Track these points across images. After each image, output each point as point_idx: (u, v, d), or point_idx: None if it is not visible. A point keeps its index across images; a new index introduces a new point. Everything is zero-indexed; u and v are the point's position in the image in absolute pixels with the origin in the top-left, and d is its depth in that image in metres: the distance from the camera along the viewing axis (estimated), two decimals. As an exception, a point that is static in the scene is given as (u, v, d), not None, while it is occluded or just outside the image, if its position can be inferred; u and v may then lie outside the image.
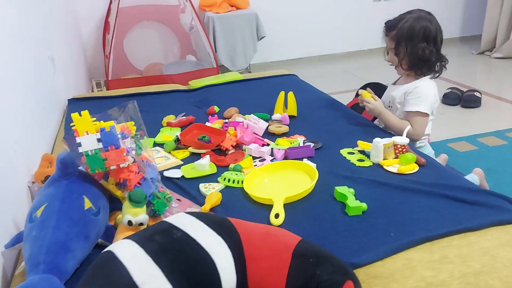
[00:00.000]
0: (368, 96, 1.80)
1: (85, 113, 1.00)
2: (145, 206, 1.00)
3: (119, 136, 1.01)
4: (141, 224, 0.99)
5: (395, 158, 1.45)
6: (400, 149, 1.46)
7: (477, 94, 3.02)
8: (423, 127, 1.66)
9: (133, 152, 1.04)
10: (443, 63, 1.68)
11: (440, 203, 1.18)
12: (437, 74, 1.72)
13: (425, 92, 1.66)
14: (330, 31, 4.47)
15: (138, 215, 0.99)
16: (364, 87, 2.45)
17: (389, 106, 1.79)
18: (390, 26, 1.68)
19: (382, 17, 4.87)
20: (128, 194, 0.99)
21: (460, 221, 1.08)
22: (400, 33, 1.64)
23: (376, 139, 1.43)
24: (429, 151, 1.78)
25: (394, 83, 1.85)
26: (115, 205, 1.13)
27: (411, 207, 1.17)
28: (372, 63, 4.41)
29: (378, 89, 2.36)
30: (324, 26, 4.43)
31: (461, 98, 3.04)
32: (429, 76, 1.71)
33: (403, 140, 1.46)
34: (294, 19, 4.32)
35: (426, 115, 1.66)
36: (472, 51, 4.40)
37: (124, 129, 1.05)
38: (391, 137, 1.51)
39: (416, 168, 1.38)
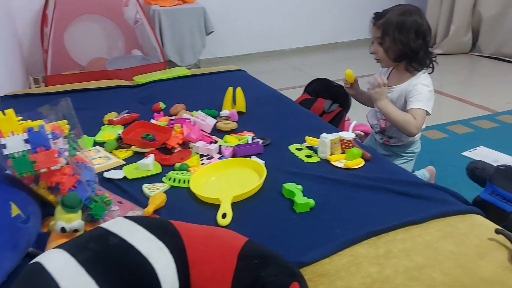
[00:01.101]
0: (352, 76, 1.73)
1: (10, 111, 0.91)
2: (80, 211, 0.93)
3: (50, 136, 0.93)
4: (76, 230, 0.92)
5: (342, 153, 1.46)
6: (346, 144, 1.47)
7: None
8: (423, 122, 1.60)
9: (66, 153, 0.97)
10: (433, 58, 1.65)
11: (385, 197, 1.19)
12: (431, 70, 1.67)
13: (426, 89, 1.60)
14: (278, 27, 4.49)
15: (72, 221, 0.91)
16: (311, 83, 2.47)
17: (376, 111, 1.76)
18: (379, 15, 1.61)
19: (329, 13, 4.98)
20: (61, 199, 0.92)
21: (404, 214, 1.09)
22: (388, 22, 1.57)
23: (323, 135, 1.43)
24: (418, 146, 1.81)
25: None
26: (49, 210, 1.05)
27: (357, 202, 1.17)
28: (320, 59, 4.47)
29: (325, 84, 2.39)
30: (272, 22, 4.44)
31: (405, 93, 3.14)
32: (423, 72, 1.65)
33: (349, 135, 1.47)
34: (242, 15, 4.29)
35: (427, 112, 1.60)
36: (414, 47, 4.57)
37: (55, 128, 0.97)
38: (337, 132, 1.52)
39: (362, 162, 1.39)
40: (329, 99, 2.30)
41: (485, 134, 2.51)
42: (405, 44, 1.56)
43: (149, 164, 1.32)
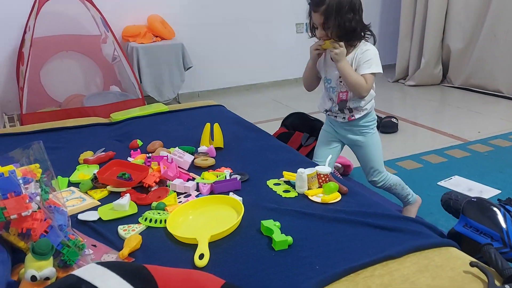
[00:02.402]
0: (329, 45, 1.74)
1: (-21, 157, 0.89)
2: (51, 258, 0.91)
3: (21, 181, 0.91)
4: (47, 278, 0.89)
5: (319, 187, 1.47)
6: (323, 179, 1.48)
7: (394, 120, 3.21)
8: (372, 85, 1.73)
9: (38, 197, 0.95)
10: (369, 29, 1.73)
11: (362, 231, 1.20)
12: (373, 40, 1.77)
13: (373, 53, 1.72)
14: (257, 61, 4.58)
15: (43, 268, 0.89)
16: (288, 117, 2.51)
17: (340, 82, 1.77)
18: (318, 2, 1.66)
19: (305, 48, 5.07)
20: (31, 246, 0.89)
21: (381, 248, 1.10)
22: (329, 8, 1.64)
23: (300, 170, 1.44)
24: (374, 117, 1.86)
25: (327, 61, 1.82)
26: (20, 256, 1.01)
27: (335, 237, 1.17)
28: (298, 91, 4.56)
29: (301, 118, 2.43)
30: (251, 56, 4.53)
31: (379, 124, 3.21)
32: (363, 43, 1.74)
33: (325, 169, 1.49)
34: (221, 50, 4.37)
35: (374, 75, 1.73)
36: (388, 79, 4.72)
37: (27, 173, 0.95)
38: (314, 166, 1.54)
39: (339, 196, 1.41)
40: (306, 133, 2.34)
41: (459, 163, 2.57)
42: (347, 25, 1.66)
43: (125, 204, 1.30)
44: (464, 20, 4.06)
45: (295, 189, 1.46)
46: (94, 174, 1.52)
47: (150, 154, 1.74)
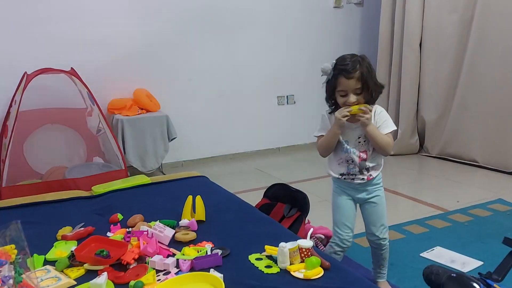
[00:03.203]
0: (358, 110, 1.73)
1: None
2: None
3: (-5, 263, 0.89)
4: None
5: (301, 262, 1.46)
6: (305, 253, 1.47)
7: (375, 189, 3.26)
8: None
9: (11, 281, 0.92)
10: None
11: (345, 309, 1.18)
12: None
13: (386, 113, 1.81)
14: (241, 131, 4.69)
15: None
16: (270, 188, 2.53)
17: (358, 143, 1.80)
18: (352, 68, 1.69)
19: (286, 119, 5.24)
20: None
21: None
22: (364, 72, 1.69)
23: (282, 244, 1.44)
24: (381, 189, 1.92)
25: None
26: None
27: (317, 317, 1.15)
28: (280, 160, 4.64)
29: (284, 189, 2.45)
30: (234, 126, 4.65)
31: (362, 194, 3.25)
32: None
33: (307, 243, 1.49)
34: (205, 120, 4.48)
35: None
36: (368, 149, 4.85)
37: (1, 255, 0.93)
38: (297, 239, 1.53)
39: (321, 272, 1.39)
40: (288, 204, 2.35)
41: (440, 234, 2.59)
42: (374, 86, 1.73)
43: (102, 284, 1.27)
44: (436, 93, 4.28)
45: (277, 264, 1.44)
46: (71, 251, 1.48)
47: (130, 229, 1.72)
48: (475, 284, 1.13)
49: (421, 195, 3.32)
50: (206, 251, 1.53)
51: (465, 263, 2.19)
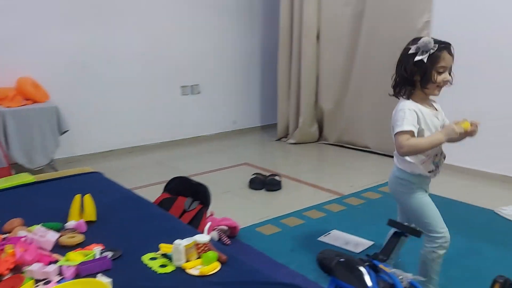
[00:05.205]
0: (470, 125, 1.60)
1: None
2: None
3: None
4: None
5: (198, 258, 1.41)
6: (202, 248, 1.43)
7: (277, 177, 3.33)
8: None
9: None
10: None
11: (240, 304, 1.16)
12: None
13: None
14: (141, 122, 4.48)
15: None
16: (170, 182, 2.44)
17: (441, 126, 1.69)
18: (450, 44, 1.58)
19: (191, 110, 5.14)
20: None
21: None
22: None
23: (176, 241, 1.37)
24: None
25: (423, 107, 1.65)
26: None
27: (212, 315, 1.11)
28: (185, 152, 4.53)
29: (184, 182, 2.38)
30: (134, 117, 4.43)
31: (264, 182, 3.30)
32: None
33: (204, 238, 1.44)
34: (101, 110, 4.20)
35: None
36: (271, 138, 4.96)
37: None
38: (195, 234, 1.48)
39: (218, 266, 1.36)
40: (189, 197, 2.29)
41: (336, 217, 2.73)
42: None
43: (-36, 303, 1.09)
44: (333, 83, 4.50)
45: (172, 262, 1.38)
46: None
47: (6, 235, 1.52)
48: (361, 268, 1.19)
49: (321, 182, 3.47)
50: (94, 254, 1.41)
51: (358, 244, 2.33)
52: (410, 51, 1.60)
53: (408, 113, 1.60)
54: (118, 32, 4.18)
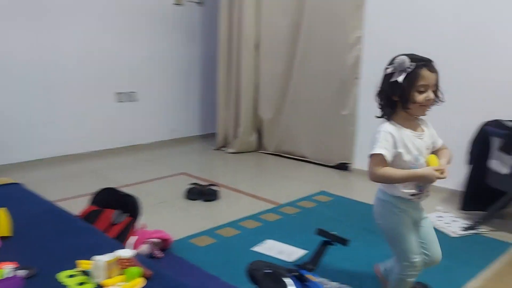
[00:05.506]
0: (435, 161, 1.53)
1: None
2: None
3: None
4: None
5: (121, 274, 1.34)
6: (125, 263, 1.36)
7: (214, 187, 3.29)
8: None
9: None
10: None
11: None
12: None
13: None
14: (74, 130, 4.26)
15: None
16: (98, 194, 2.33)
17: (427, 154, 1.61)
18: (430, 61, 1.52)
19: (128, 117, 4.96)
20: None
21: None
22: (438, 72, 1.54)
23: (96, 257, 1.30)
24: None
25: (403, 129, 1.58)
26: None
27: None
28: (121, 161, 4.37)
29: (112, 194, 2.28)
30: (66, 124, 4.19)
31: (202, 192, 3.25)
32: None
33: (128, 253, 1.38)
34: (26, 117, 3.93)
35: None
36: (210, 147, 4.91)
37: None
38: (118, 249, 1.41)
39: (142, 282, 1.30)
40: (118, 209, 2.19)
41: (272, 227, 2.73)
42: (439, 93, 1.56)
43: None
44: (271, 92, 4.56)
45: (92, 280, 1.30)
46: None
47: None
48: (286, 279, 1.19)
49: (258, 191, 3.47)
50: (4, 273, 1.30)
51: (291, 253, 2.34)
52: (387, 71, 1.56)
53: (383, 136, 1.54)
54: (49, 35, 3.96)
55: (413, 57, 1.51)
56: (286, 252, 2.35)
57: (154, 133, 4.94)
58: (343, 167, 4.10)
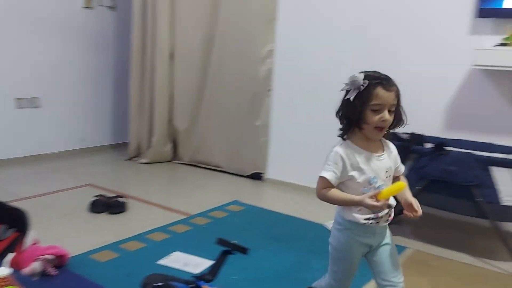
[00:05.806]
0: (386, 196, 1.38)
1: None
2: None
3: None
4: None
5: (-5, 295, 1.21)
6: (4, 282, 1.24)
7: (121, 199, 3.15)
8: None
9: None
10: None
11: None
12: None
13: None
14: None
15: None
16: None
17: (386, 177, 1.50)
18: (391, 80, 1.41)
19: (30, 124, 4.66)
20: None
21: None
22: (399, 92, 1.43)
23: (-38, 278, 1.16)
24: None
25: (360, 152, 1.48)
26: None
27: None
28: (22, 172, 4.03)
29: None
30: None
31: (107, 205, 3.09)
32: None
33: (3, 271, 1.25)
34: None
35: None
36: (122, 157, 4.71)
37: None
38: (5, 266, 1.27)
39: (17, 303, 1.18)
40: (4, 224, 1.99)
41: (180, 238, 2.67)
42: (399, 114, 1.47)
43: None
44: (187, 102, 4.50)
45: (-42, 304, 1.16)
46: None
47: None
48: (175, 291, 1.15)
49: (170, 202, 3.38)
50: None
51: (198, 265, 2.30)
52: (342, 89, 1.47)
53: (333, 158, 1.46)
54: None
55: (368, 75, 1.42)
56: (192, 264, 2.30)
57: (61, 142, 4.63)
58: (256, 176, 4.15)
